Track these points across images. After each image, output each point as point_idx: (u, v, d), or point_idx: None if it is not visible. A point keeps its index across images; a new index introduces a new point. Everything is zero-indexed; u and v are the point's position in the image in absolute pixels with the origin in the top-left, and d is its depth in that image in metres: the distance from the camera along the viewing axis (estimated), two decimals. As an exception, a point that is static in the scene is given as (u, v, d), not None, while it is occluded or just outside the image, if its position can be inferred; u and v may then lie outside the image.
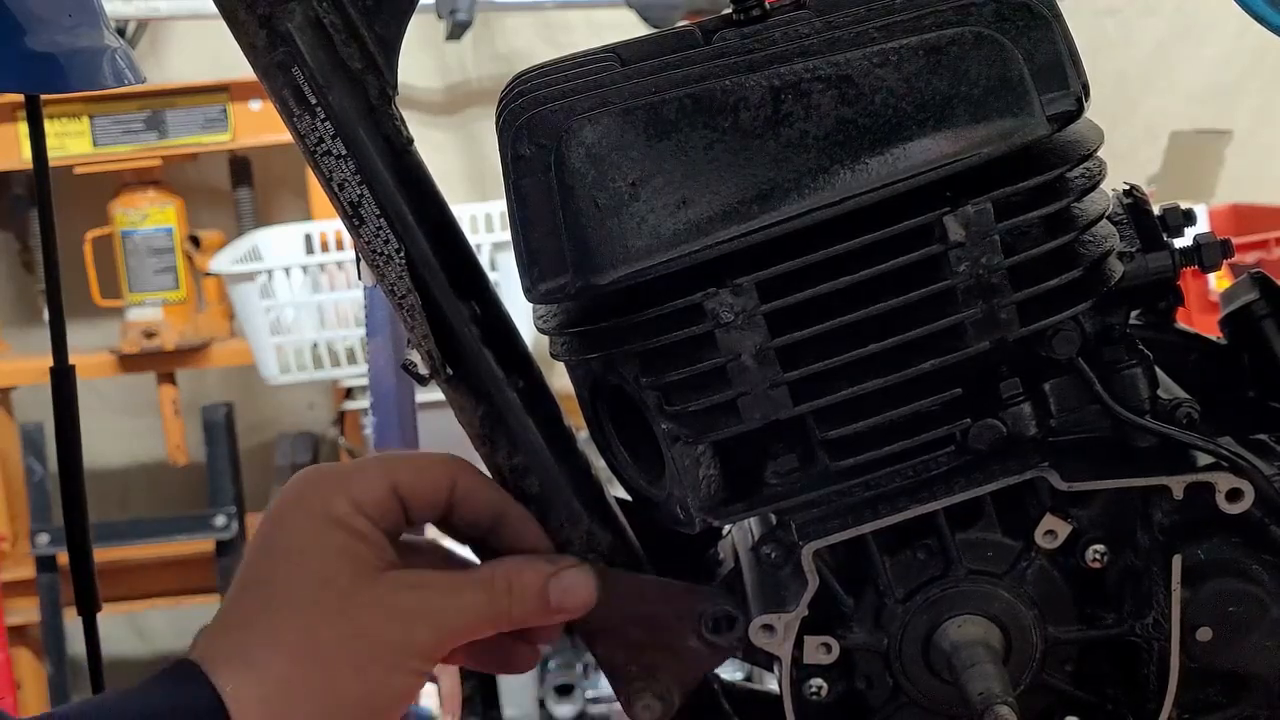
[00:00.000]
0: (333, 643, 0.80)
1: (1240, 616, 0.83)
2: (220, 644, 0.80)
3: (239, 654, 0.79)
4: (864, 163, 0.77)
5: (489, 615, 0.83)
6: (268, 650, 0.80)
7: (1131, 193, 0.89)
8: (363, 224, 0.82)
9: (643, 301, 0.79)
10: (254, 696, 0.78)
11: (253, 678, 0.79)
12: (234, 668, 0.79)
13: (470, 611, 0.83)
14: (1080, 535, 0.84)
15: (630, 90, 0.78)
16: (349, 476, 0.84)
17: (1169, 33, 3.96)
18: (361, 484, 0.83)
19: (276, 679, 0.79)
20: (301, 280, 3.23)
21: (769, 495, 0.82)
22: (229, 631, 0.81)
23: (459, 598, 0.83)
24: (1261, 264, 2.92)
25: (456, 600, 0.83)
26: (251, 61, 0.82)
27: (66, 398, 1.18)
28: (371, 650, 0.81)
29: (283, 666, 0.79)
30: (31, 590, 3.49)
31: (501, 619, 0.83)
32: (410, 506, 0.84)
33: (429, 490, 0.84)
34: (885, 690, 0.86)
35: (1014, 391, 0.82)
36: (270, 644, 0.80)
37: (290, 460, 3.73)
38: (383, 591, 0.81)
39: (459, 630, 0.83)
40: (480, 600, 0.83)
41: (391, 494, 0.83)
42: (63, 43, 1.02)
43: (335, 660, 0.80)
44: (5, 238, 3.78)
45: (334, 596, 0.80)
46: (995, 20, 0.78)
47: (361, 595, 0.81)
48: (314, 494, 0.83)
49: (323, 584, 0.81)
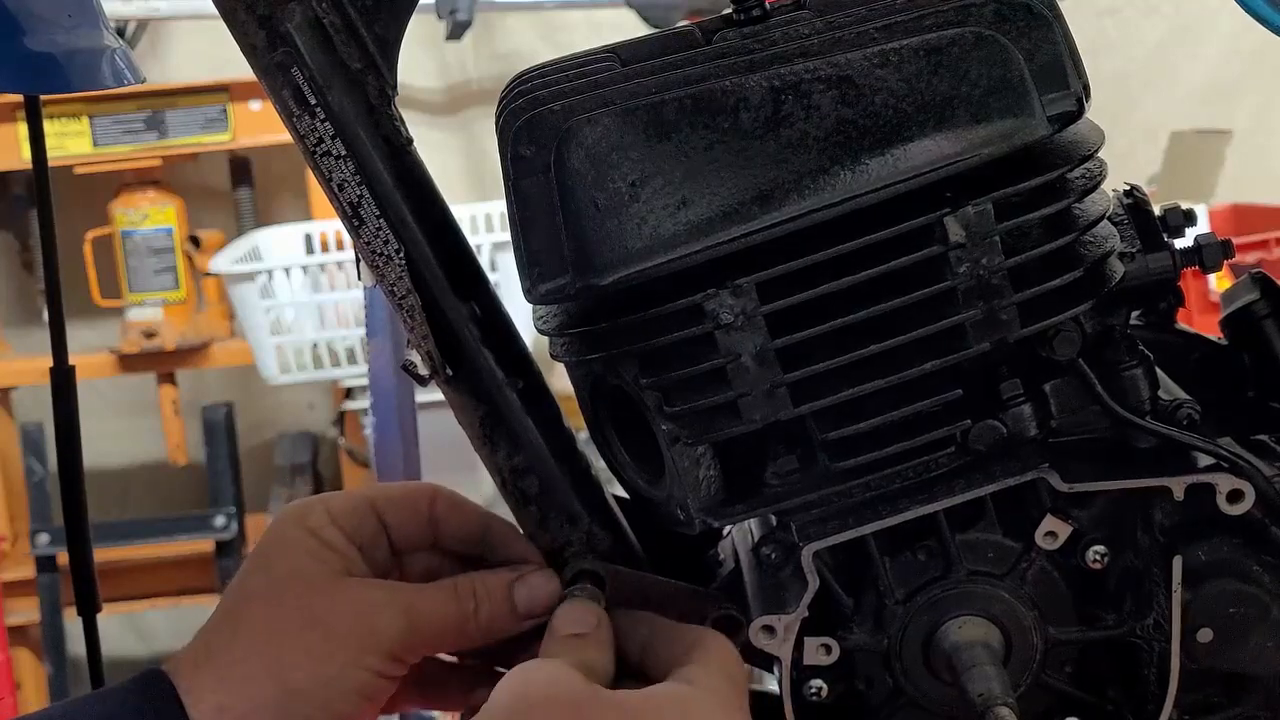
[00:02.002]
0: (292, 632, 0.80)
1: (1240, 617, 0.83)
2: (188, 649, 0.81)
3: (203, 650, 0.81)
4: (864, 163, 0.77)
5: (454, 617, 0.82)
6: (229, 642, 0.80)
7: (1132, 193, 0.89)
8: (363, 224, 0.82)
9: (643, 302, 0.79)
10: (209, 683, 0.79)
11: (210, 667, 0.79)
12: (196, 662, 0.80)
13: (434, 613, 0.82)
14: (1081, 536, 0.84)
15: (630, 90, 0.78)
16: (329, 497, 0.86)
17: (1169, 33, 3.96)
18: (339, 500, 0.85)
19: (233, 666, 0.79)
20: (301, 280, 3.23)
21: (769, 496, 0.82)
22: (198, 637, 0.82)
23: (422, 597, 0.83)
24: (1261, 264, 2.92)
25: (420, 599, 0.83)
26: (251, 61, 0.82)
27: (66, 398, 1.18)
28: (329, 641, 0.80)
29: (241, 654, 0.80)
30: (31, 590, 3.49)
31: (467, 622, 0.83)
32: (390, 524, 0.85)
33: (407, 505, 0.85)
34: (885, 691, 0.86)
35: (1015, 392, 0.82)
36: (231, 636, 0.81)
37: (290, 460, 3.73)
38: (348, 588, 0.82)
39: (422, 631, 0.82)
40: (444, 599, 0.83)
41: (368, 508, 0.85)
42: (63, 43, 1.02)
43: (293, 649, 0.80)
44: (5, 238, 3.78)
45: (299, 590, 0.81)
46: (995, 21, 0.78)
47: (326, 590, 0.81)
48: (294, 512, 0.85)
49: (289, 580, 0.82)
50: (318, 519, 0.83)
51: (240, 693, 0.79)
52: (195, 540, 3.53)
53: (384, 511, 0.85)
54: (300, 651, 0.80)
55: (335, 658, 0.80)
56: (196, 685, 0.79)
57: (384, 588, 0.83)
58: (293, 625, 0.80)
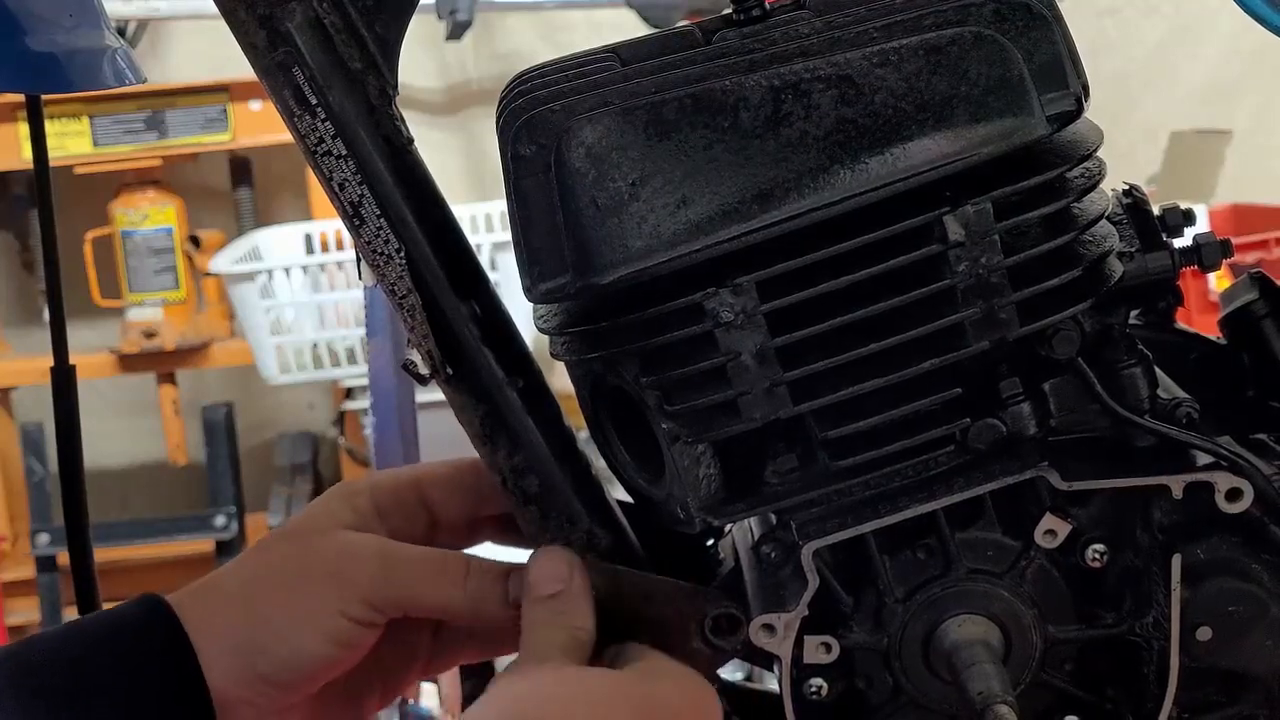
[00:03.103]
0: (276, 573, 0.84)
1: (1240, 616, 0.83)
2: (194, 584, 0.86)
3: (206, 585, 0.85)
4: (864, 162, 0.78)
5: (442, 583, 0.84)
6: (225, 579, 0.85)
7: (1131, 193, 0.89)
8: (363, 224, 0.82)
9: (643, 301, 0.79)
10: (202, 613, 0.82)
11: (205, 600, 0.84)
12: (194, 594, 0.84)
13: (413, 564, 0.84)
14: (1080, 535, 0.84)
15: (630, 90, 0.78)
16: (380, 472, 0.90)
17: (1169, 33, 3.96)
18: (386, 475, 0.89)
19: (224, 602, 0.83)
20: (301, 280, 3.23)
21: (769, 495, 0.82)
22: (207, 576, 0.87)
23: (403, 549, 0.85)
24: (1261, 264, 2.92)
25: (400, 550, 0.84)
26: (251, 61, 0.82)
27: (66, 398, 1.18)
28: (306, 581, 0.83)
29: (233, 590, 0.84)
30: (31, 590, 3.50)
31: (451, 587, 0.84)
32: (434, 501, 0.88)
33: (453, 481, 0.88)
34: (885, 690, 0.86)
35: (1014, 391, 0.82)
36: (230, 575, 0.85)
37: (290, 460, 3.74)
38: (336, 536, 0.85)
39: (397, 580, 0.83)
40: (426, 555, 0.85)
41: (411, 484, 0.88)
42: (63, 43, 1.02)
43: (275, 587, 0.83)
44: (5, 238, 3.78)
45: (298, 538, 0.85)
46: (995, 20, 0.78)
47: (318, 538, 0.85)
48: (343, 483, 0.90)
49: (294, 531, 0.86)
50: (356, 488, 0.87)
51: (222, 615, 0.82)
52: (195, 540, 3.54)
53: (428, 489, 0.88)
54: (281, 589, 0.83)
55: (310, 598, 0.82)
56: (194, 616, 0.82)
57: (368, 538, 0.85)
58: (279, 567, 0.84)
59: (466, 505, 0.89)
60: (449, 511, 0.88)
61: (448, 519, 0.89)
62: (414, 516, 0.88)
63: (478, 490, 0.88)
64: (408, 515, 0.87)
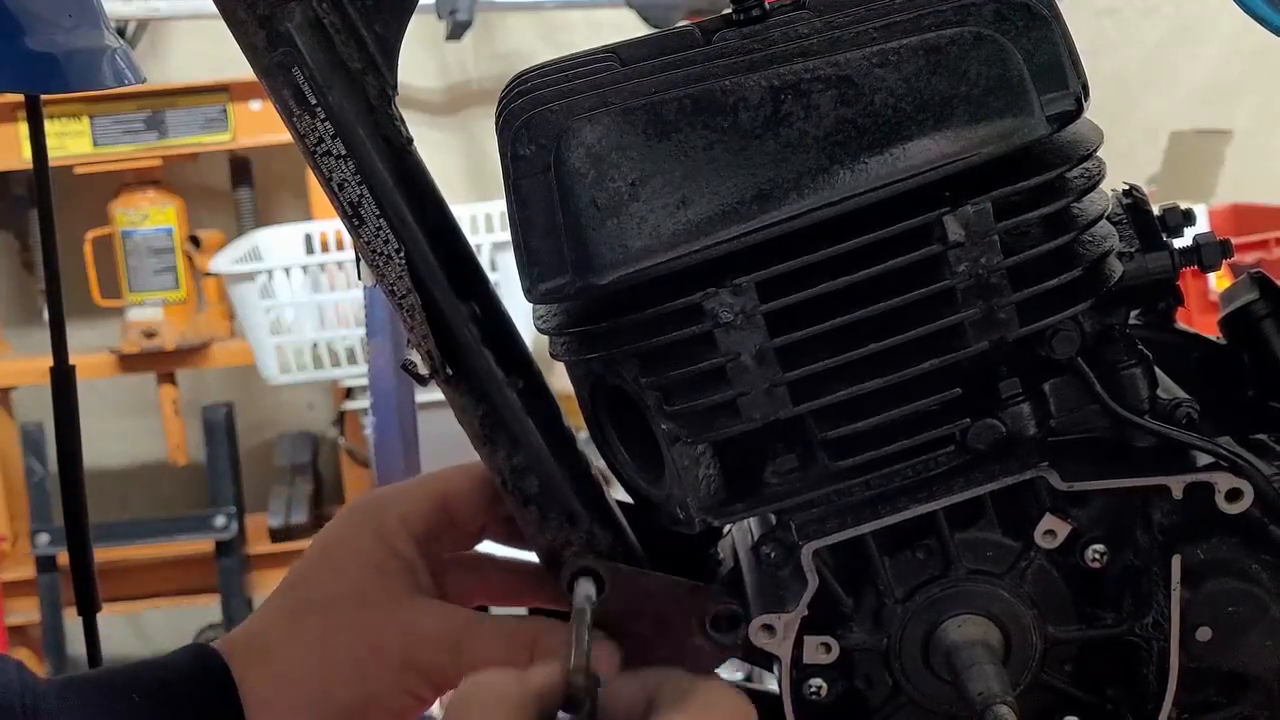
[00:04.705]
0: (344, 646, 0.84)
1: (1240, 616, 0.83)
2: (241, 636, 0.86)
3: (260, 643, 0.85)
4: (863, 163, 0.78)
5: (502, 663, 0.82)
6: (284, 642, 0.85)
7: (1131, 193, 0.89)
8: (363, 224, 0.82)
9: (643, 301, 0.79)
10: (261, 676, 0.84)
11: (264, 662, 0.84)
12: (250, 650, 0.85)
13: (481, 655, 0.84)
14: (1080, 535, 0.84)
15: (630, 90, 0.78)
16: (402, 495, 0.89)
17: (1169, 33, 3.96)
18: (412, 501, 0.89)
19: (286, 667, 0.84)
20: (301, 280, 3.23)
21: (769, 495, 0.82)
22: (253, 623, 0.87)
23: (475, 637, 0.85)
24: (1261, 264, 2.92)
25: (471, 640, 0.85)
26: (251, 61, 0.82)
27: (66, 398, 1.18)
28: (377, 662, 0.84)
29: (295, 657, 0.84)
30: (31, 590, 3.50)
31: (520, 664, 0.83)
32: (460, 519, 0.89)
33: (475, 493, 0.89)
34: (885, 690, 0.86)
35: (1013, 391, 0.82)
36: (287, 636, 0.85)
37: (290, 460, 3.74)
38: (403, 610, 0.85)
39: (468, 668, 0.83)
40: (497, 645, 0.85)
41: (440, 507, 0.89)
42: (63, 43, 1.02)
43: (343, 663, 0.84)
44: (5, 238, 3.78)
45: (359, 604, 0.85)
46: (995, 20, 0.78)
47: (383, 608, 0.85)
48: (365, 509, 0.89)
49: (351, 592, 0.86)
50: (391, 524, 0.87)
51: (287, 694, 0.84)
52: (195, 540, 3.54)
53: (455, 508, 0.89)
54: (349, 666, 0.84)
55: (381, 678, 0.84)
56: (250, 675, 0.84)
57: (437, 615, 0.86)
58: (346, 639, 0.85)
59: (482, 513, 0.90)
60: (466, 521, 0.90)
61: (464, 526, 0.91)
62: (439, 535, 0.89)
63: (494, 498, 0.88)
64: (433, 534, 0.89)
